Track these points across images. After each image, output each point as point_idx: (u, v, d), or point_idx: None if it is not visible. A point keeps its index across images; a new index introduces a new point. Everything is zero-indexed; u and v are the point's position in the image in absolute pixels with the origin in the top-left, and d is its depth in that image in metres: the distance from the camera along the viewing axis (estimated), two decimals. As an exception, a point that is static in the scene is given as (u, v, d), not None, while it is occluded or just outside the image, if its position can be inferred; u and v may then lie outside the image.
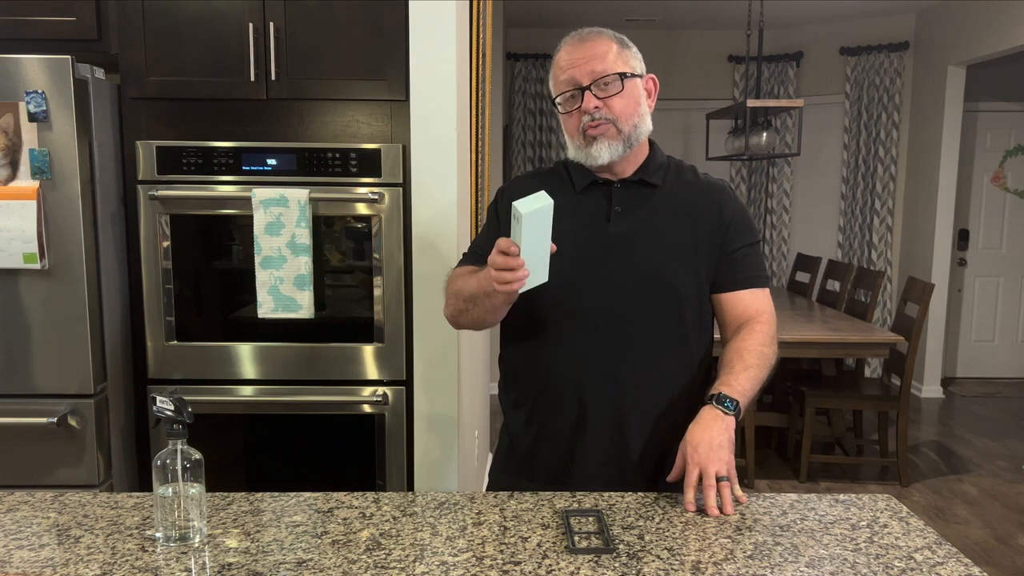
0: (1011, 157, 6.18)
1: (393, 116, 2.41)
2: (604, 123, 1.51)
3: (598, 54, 1.51)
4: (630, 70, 1.54)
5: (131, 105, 2.41)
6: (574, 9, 5.94)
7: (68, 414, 2.29)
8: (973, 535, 3.57)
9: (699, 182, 1.63)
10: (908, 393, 3.99)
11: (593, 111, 1.50)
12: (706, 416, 1.41)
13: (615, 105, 1.51)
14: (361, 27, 2.37)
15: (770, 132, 4.85)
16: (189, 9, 2.37)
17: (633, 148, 1.56)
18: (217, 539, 1.22)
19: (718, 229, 1.57)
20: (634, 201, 1.57)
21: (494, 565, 1.14)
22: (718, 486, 1.33)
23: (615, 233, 1.54)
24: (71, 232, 2.24)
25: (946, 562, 1.16)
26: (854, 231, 6.31)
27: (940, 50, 5.67)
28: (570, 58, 1.53)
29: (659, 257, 1.54)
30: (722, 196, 1.60)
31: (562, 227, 1.49)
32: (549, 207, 1.30)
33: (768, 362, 1.51)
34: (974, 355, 6.36)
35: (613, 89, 1.51)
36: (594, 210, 1.57)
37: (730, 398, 1.42)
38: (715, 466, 1.34)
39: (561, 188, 1.58)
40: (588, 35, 1.55)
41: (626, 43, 1.58)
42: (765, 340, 1.53)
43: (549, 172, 1.67)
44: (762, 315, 1.57)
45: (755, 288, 1.58)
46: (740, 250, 1.57)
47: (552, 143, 6.67)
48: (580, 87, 1.51)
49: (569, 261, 1.50)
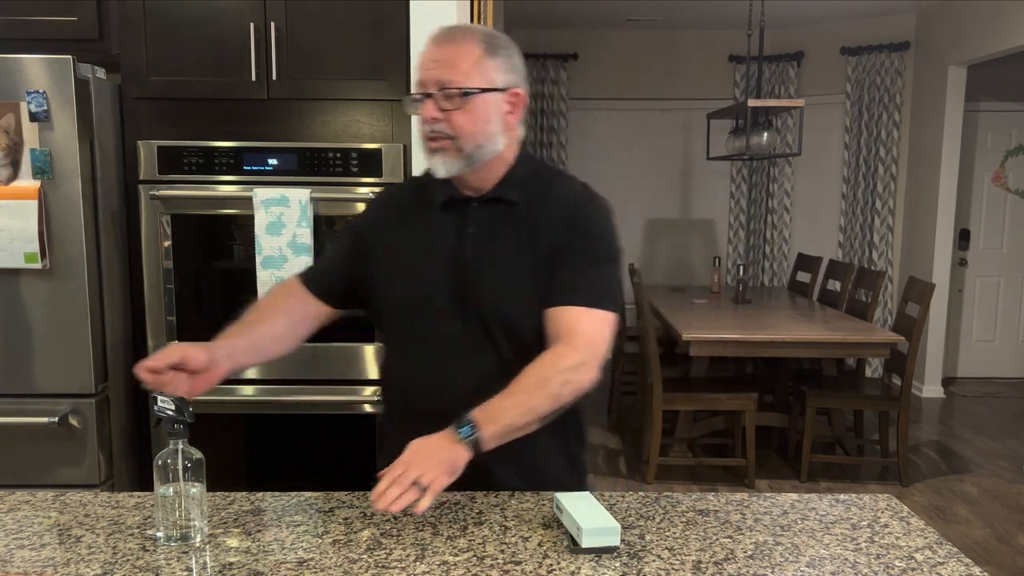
0: (1012, 157, 6.18)
1: (394, 116, 2.41)
2: (443, 138, 1.39)
3: (452, 60, 1.38)
4: (485, 84, 1.39)
5: (132, 105, 2.42)
6: (574, 9, 5.94)
7: (69, 414, 2.29)
8: (974, 535, 3.57)
9: (559, 196, 1.48)
10: (909, 393, 3.99)
11: (431, 122, 1.39)
12: (439, 434, 1.27)
13: (457, 121, 1.38)
14: (362, 27, 2.37)
15: (771, 132, 4.85)
16: (190, 9, 2.37)
17: (477, 166, 1.42)
18: (218, 539, 1.23)
19: (560, 244, 1.42)
20: (490, 222, 1.45)
21: (495, 565, 1.14)
22: (409, 488, 1.19)
23: (464, 260, 1.44)
24: (72, 232, 2.25)
25: (947, 562, 1.16)
26: (855, 231, 6.31)
27: (941, 50, 5.67)
28: (426, 57, 1.41)
29: (503, 287, 1.42)
30: (576, 210, 1.46)
31: (417, 248, 1.48)
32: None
33: (552, 390, 1.33)
34: (975, 355, 6.36)
35: (454, 104, 1.38)
36: (449, 232, 1.46)
37: (471, 423, 1.27)
38: (418, 470, 1.20)
39: (425, 204, 1.49)
40: (453, 35, 1.41)
41: (496, 49, 1.42)
42: (556, 365, 1.35)
43: (419, 184, 1.54)
44: (573, 338, 1.38)
45: (573, 306, 1.40)
46: (574, 264, 1.42)
47: (553, 143, 6.67)
48: (425, 93, 1.40)
49: (418, 287, 1.45)
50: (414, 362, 1.48)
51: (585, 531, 1.16)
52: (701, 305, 4.83)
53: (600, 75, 6.74)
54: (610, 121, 6.85)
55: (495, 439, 1.29)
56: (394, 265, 1.50)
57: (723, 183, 6.84)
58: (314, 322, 1.56)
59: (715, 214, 6.92)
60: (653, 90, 6.77)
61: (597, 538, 1.16)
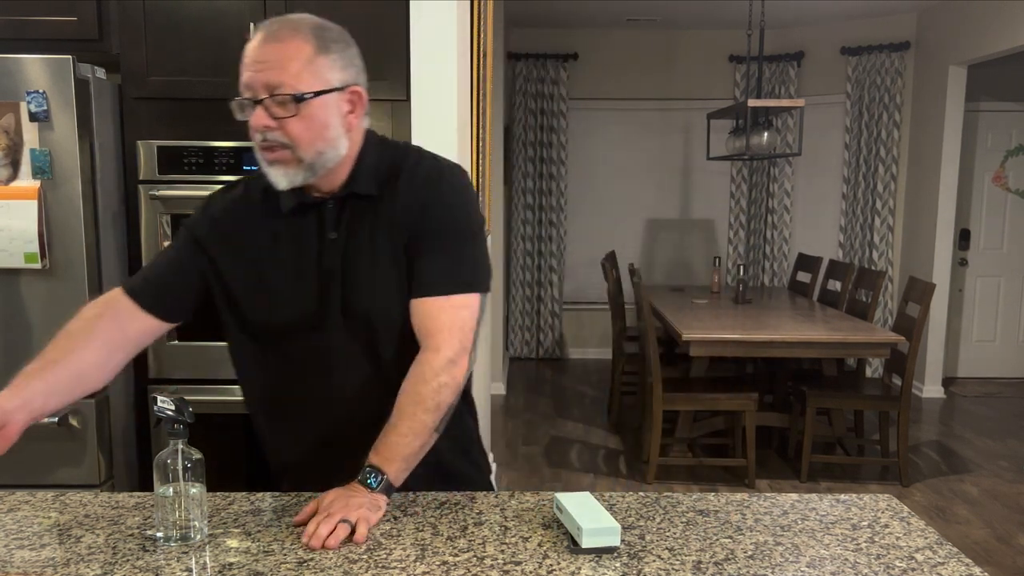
0: (1012, 157, 6.17)
1: (394, 116, 2.41)
2: (279, 148, 1.28)
3: (280, 61, 1.24)
4: (320, 86, 1.27)
5: (132, 105, 2.42)
6: (574, 9, 5.94)
7: (69, 414, 2.29)
8: (974, 535, 3.57)
9: (408, 180, 1.37)
10: (909, 393, 3.98)
11: (263, 131, 1.27)
12: (351, 486, 1.27)
13: (292, 129, 1.26)
14: (362, 27, 2.35)
15: (771, 132, 4.85)
16: (190, 9, 2.37)
17: (320, 173, 1.32)
18: (218, 539, 1.22)
19: (417, 231, 1.34)
20: (350, 222, 1.35)
21: (495, 565, 1.14)
22: (337, 526, 1.19)
23: (326, 268, 1.34)
24: (72, 232, 2.25)
25: (947, 562, 1.16)
26: (855, 231, 6.31)
27: (941, 50, 5.67)
28: (252, 57, 1.26)
29: (374, 291, 1.35)
30: (427, 192, 1.36)
31: (273, 261, 1.36)
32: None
33: (430, 403, 1.30)
34: (975, 355, 6.36)
35: (287, 111, 1.25)
36: (307, 239, 1.36)
37: (374, 472, 1.26)
38: (342, 513, 1.20)
39: (268, 210, 1.37)
40: (279, 31, 1.26)
41: (328, 44, 1.29)
42: (425, 377, 1.31)
43: (254, 189, 1.41)
44: (435, 337, 1.33)
45: (431, 297, 1.33)
46: (430, 250, 1.34)
47: (553, 143, 6.68)
48: (254, 99, 1.26)
49: (280, 303, 1.36)
50: (292, 383, 1.40)
51: (585, 531, 1.16)
52: (701, 305, 4.83)
53: (600, 75, 6.75)
54: (610, 121, 6.85)
55: (403, 473, 1.30)
56: (253, 281, 1.37)
57: (723, 183, 6.84)
58: (144, 339, 1.41)
59: (715, 214, 6.92)
60: (653, 90, 6.77)
61: (597, 538, 1.16)
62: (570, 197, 6.87)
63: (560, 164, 6.71)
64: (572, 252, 6.96)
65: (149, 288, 1.41)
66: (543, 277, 6.87)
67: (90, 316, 1.40)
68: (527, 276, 6.89)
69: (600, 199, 6.94)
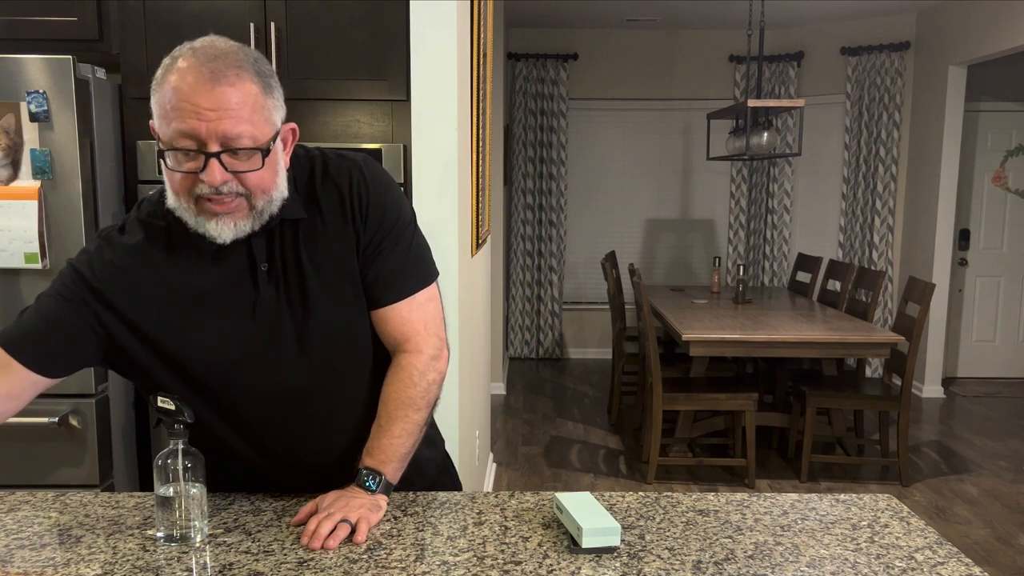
0: (1012, 157, 6.17)
1: (394, 116, 2.41)
2: (234, 198, 1.17)
3: (233, 107, 1.12)
4: (272, 130, 1.17)
5: (132, 105, 2.42)
6: (574, 9, 5.94)
7: (69, 414, 2.29)
8: (974, 535, 3.57)
9: (331, 192, 1.28)
10: (909, 393, 3.98)
11: (221, 186, 1.14)
12: (350, 489, 1.28)
13: (250, 180, 1.16)
14: (362, 27, 2.37)
15: (771, 132, 4.85)
16: (190, 9, 2.37)
17: (264, 219, 1.22)
18: (218, 539, 1.22)
19: (356, 241, 1.28)
20: (282, 251, 1.26)
21: (495, 565, 1.14)
22: (338, 525, 1.19)
23: (266, 304, 1.26)
24: (72, 232, 2.25)
25: (947, 562, 1.16)
26: (855, 231, 6.31)
27: (941, 50, 5.67)
28: (195, 99, 1.10)
29: (329, 317, 1.28)
30: (353, 200, 1.28)
31: (204, 306, 1.25)
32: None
33: (420, 403, 1.32)
34: (975, 355, 6.36)
35: (251, 164, 1.15)
36: (237, 276, 1.25)
37: (372, 474, 1.27)
38: (342, 513, 1.21)
39: (185, 253, 1.24)
40: (225, 72, 1.12)
41: (268, 81, 1.18)
42: (413, 379, 1.31)
43: (157, 232, 1.26)
44: (412, 340, 1.31)
45: (394, 304, 1.31)
46: (375, 255, 1.29)
47: (553, 143, 6.68)
48: (205, 151, 1.12)
49: (221, 346, 1.25)
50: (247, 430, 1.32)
51: (585, 531, 1.16)
52: (701, 305, 4.83)
53: (600, 75, 6.75)
54: (610, 121, 6.85)
55: (399, 472, 1.32)
56: (183, 335, 1.25)
57: (723, 183, 6.85)
58: (28, 394, 1.26)
59: (715, 214, 6.92)
60: (653, 90, 6.77)
61: (597, 538, 1.16)
62: (570, 197, 6.87)
63: (560, 164, 6.71)
64: (572, 252, 6.96)
65: (26, 342, 1.24)
66: (543, 277, 6.87)
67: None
68: (527, 276, 6.89)
69: (600, 199, 6.94)
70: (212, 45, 1.15)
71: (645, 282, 5.82)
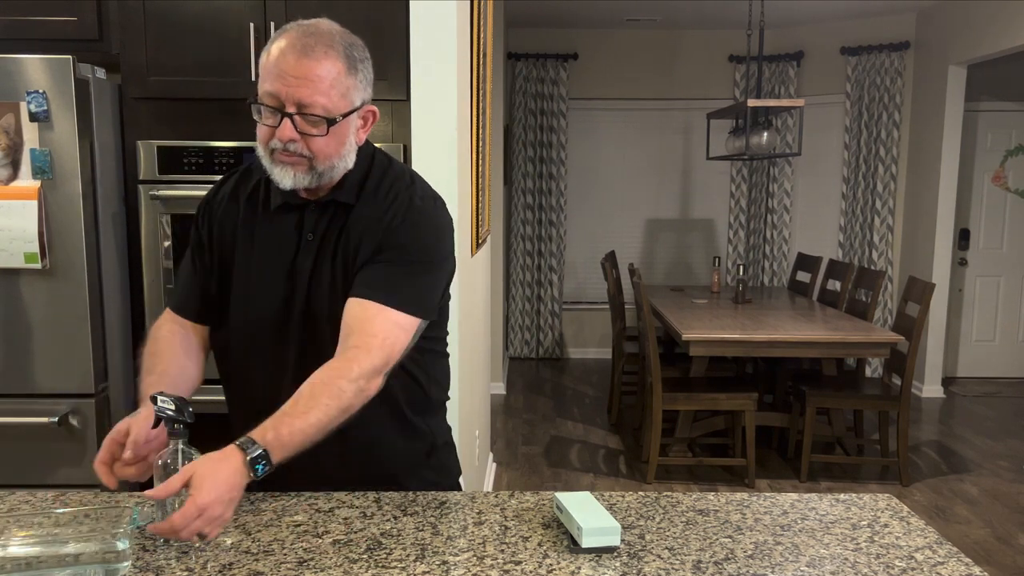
0: (1012, 157, 6.18)
1: (394, 116, 2.41)
2: (298, 158, 1.31)
3: (315, 79, 1.27)
4: (347, 106, 1.32)
5: (132, 105, 2.42)
6: (574, 9, 5.94)
7: (69, 414, 2.29)
8: (974, 535, 3.57)
9: (382, 200, 1.39)
10: (909, 393, 3.99)
11: (288, 143, 1.30)
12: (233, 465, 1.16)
13: (315, 145, 1.31)
14: (362, 27, 2.35)
15: (771, 132, 4.85)
16: (190, 9, 2.37)
17: (324, 182, 1.37)
18: (218, 538, 1.22)
19: (380, 243, 1.37)
20: (327, 227, 1.39)
21: (495, 565, 1.14)
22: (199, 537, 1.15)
23: (299, 269, 1.39)
24: (72, 232, 2.25)
25: (947, 562, 1.16)
26: (855, 231, 6.31)
27: (941, 50, 5.67)
28: (284, 66, 1.27)
29: (332, 295, 1.37)
30: (393, 217, 1.37)
31: (254, 254, 1.41)
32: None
33: (345, 402, 1.26)
34: (975, 355, 6.36)
35: (317, 130, 1.30)
36: (286, 238, 1.40)
37: (264, 459, 1.18)
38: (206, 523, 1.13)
39: (252, 207, 1.44)
40: (314, 47, 1.28)
41: (356, 64, 1.33)
42: (351, 373, 1.27)
43: (250, 183, 1.46)
44: (367, 338, 1.30)
45: (371, 301, 1.32)
46: (381, 262, 1.35)
47: (553, 143, 6.68)
48: (282, 111, 1.29)
49: (256, 297, 1.40)
50: (254, 378, 1.44)
51: (585, 531, 1.16)
52: (701, 305, 4.83)
53: (600, 75, 6.75)
54: (610, 121, 6.85)
55: (281, 461, 1.21)
56: (239, 277, 1.44)
57: (723, 183, 6.85)
58: (207, 345, 1.50)
59: (715, 214, 6.92)
60: (653, 90, 6.77)
61: (597, 538, 1.16)
62: (570, 197, 6.87)
63: (560, 164, 6.71)
64: (572, 252, 6.96)
65: (185, 303, 1.49)
66: (543, 277, 6.87)
67: (165, 337, 1.47)
68: (527, 276, 6.89)
69: (600, 199, 6.94)
70: (315, 25, 1.31)
71: (645, 282, 5.82)
